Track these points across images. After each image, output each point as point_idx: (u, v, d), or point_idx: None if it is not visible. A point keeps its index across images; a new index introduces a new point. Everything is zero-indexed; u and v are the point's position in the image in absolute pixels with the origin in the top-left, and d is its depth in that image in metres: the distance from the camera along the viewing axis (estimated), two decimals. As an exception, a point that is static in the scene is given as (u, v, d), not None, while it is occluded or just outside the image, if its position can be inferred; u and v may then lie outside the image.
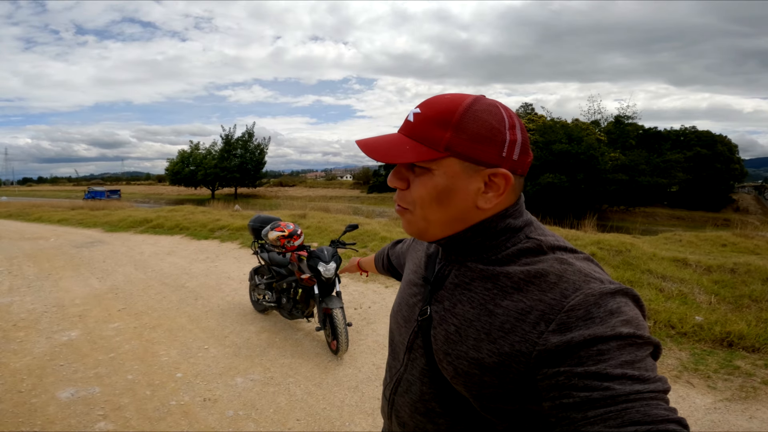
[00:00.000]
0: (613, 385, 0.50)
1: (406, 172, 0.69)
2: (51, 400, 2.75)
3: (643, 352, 0.54)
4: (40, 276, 6.05)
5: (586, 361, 0.53)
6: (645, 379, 0.51)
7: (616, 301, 0.57)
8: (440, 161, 0.64)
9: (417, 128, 0.66)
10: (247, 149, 44.68)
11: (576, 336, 0.54)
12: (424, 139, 0.64)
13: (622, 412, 0.49)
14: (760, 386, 2.79)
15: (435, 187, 0.65)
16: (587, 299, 0.57)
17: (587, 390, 0.51)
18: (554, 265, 0.62)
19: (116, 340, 3.71)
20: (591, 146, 28.71)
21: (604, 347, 0.53)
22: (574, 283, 0.59)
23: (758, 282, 4.45)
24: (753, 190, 44.08)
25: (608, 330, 0.54)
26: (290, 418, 2.60)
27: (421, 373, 0.74)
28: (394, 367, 0.82)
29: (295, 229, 3.67)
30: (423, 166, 0.65)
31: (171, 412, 2.64)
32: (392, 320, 0.86)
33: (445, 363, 0.68)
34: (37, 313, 4.41)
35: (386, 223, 10.24)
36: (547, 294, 0.59)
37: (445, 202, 0.65)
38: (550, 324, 0.57)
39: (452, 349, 0.67)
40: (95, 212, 14.86)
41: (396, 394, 0.80)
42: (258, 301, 4.30)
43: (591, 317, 0.55)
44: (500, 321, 0.62)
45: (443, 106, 0.65)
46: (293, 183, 69.03)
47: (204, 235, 9.41)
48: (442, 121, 0.64)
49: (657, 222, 29.80)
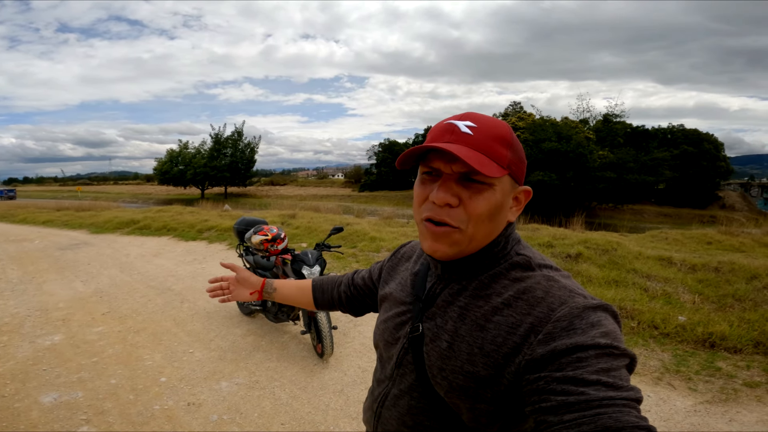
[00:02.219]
0: (588, 391, 0.53)
1: (458, 188, 0.65)
2: (34, 405, 2.72)
3: (618, 362, 0.57)
4: (24, 279, 5.95)
5: (566, 367, 0.56)
6: (618, 387, 0.54)
7: (597, 315, 0.61)
8: (501, 178, 0.66)
9: (482, 143, 0.65)
10: (237, 148, 44.34)
11: (559, 345, 0.58)
12: (491, 154, 0.65)
13: (594, 417, 0.51)
14: (741, 388, 2.81)
15: (495, 203, 0.66)
16: (572, 311, 0.61)
17: (564, 394, 0.54)
18: (541, 281, 0.67)
19: (100, 345, 3.66)
20: (580, 144, 28.95)
21: (582, 355, 0.56)
22: (560, 298, 0.63)
23: (742, 281, 4.51)
24: (738, 187, 44.77)
25: (588, 339, 0.57)
26: (275, 422, 2.58)
27: (410, 387, 0.76)
28: (382, 381, 0.84)
29: (278, 233, 3.64)
30: (486, 181, 0.65)
31: (154, 416, 2.62)
32: (378, 337, 0.87)
33: (440, 378, 0.70)
34: (20, 317, 4.35)
35: (376, 222, 10.24)
36: (535, 308, 0.64)
37: (496, 218, 0.68)
38: (538, 335, 0.61)
39: (446, 364, 0.69)
40: (81, 213, 14.65)
41: (383, 408, 0.81)
42: (244, 303, 4.27)
43: (573, 328, 0.59)
44: (492, 335, 0.65)
45: (495, 125, 0.67)
46: (284, 182, 68.69)
47: (192, 236, 9.32)
48: (502, 140, 0.66)
49: (644, 219, 30.16)
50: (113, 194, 49.12)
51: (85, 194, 40.51)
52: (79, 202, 20.70)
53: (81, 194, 37.51)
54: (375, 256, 6.75)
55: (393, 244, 7.19)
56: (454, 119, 0.68)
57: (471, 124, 0.66)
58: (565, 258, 5.57)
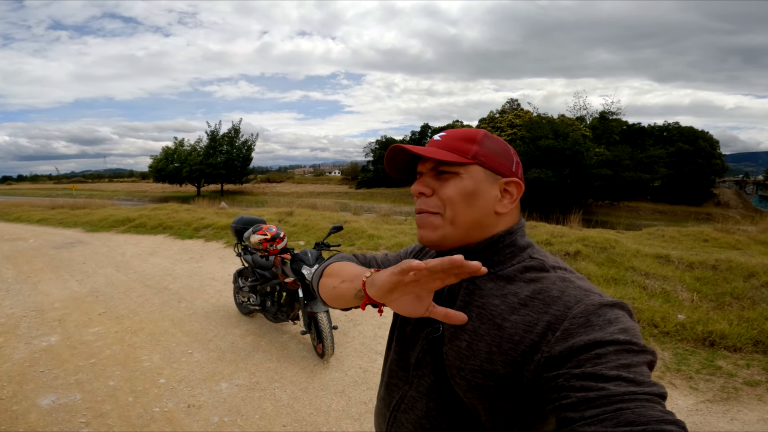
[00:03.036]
0: (608, 386, 0.53)
1: (431, 181, 0.76)
2: (32, 408, 2.70)
3: (639, 358, 0.57)
4: (19, 279, 5.90)
5: (585, 363, 0.56)
6: (639, 383, 0.53)
7: (615, 313, 0.62)
8: (468, 167, 0.74)
9: (446, 143, 0.75)
10: (233, 145, 44.13)
11: (577, 341, 0.59)
12: (454, 149, 0.74)
13: (617, 412, 0.50)
14: (742, 387, 2.83)
15: (464, 188, 0.73)
16: (588, 309, 0.62)
17: (584, 390, 0.54)
18: (557, 282, 0.69)
19: (97, 345, 3.63)
20: (576, 142, 29.01)
21: (601, 351, 0.57)
22: (576, 297, 0.65)
23: (739, 279, 4.52)
24: (734, 184, 45.02)
25: (607, 335, 0.58)
26: (276, 423, 2.57)
27: (428, 389, 0.76)
28: (396, 385, 0.84)
29: (277, 232, 3.62)
30: (452, 171, 0.74)
31: (154, 419, 2.60)
32: (395, 339, 0.88)
33: (458, 378, 0.71)
34: (16, 318, 4.31)
35: (374, 219, 10.22)
36: (551, 307, 0.65)
37: (472, 203, 0.73)
38: (555, 332, 0.62)
39: (465, 364, 0.70)
40: (75, 211, 14.55)
41: (399, 411, 0.81)
42: (242, 303, 4.24)
43: (591, 324, 0.60)
44: (509, 333, 0.67)
45: (465, 130, 0.78)
46: (281, 179, 68.46)
47: (188, 235, 9.27)
48: (468, 139, 0.75)
49: (640, 216, 30.29)
50: (108, 192, 48.87)
51: (79, 192, 40.22)
52: (74, 200, 20.54)
53: (75, 192, 37.20)
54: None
55: (391, 242, 7.17)
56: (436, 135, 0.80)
57: (443, 134, 0.78)
58: (564, 256, 5.57)
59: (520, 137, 30.98)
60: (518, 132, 32.24)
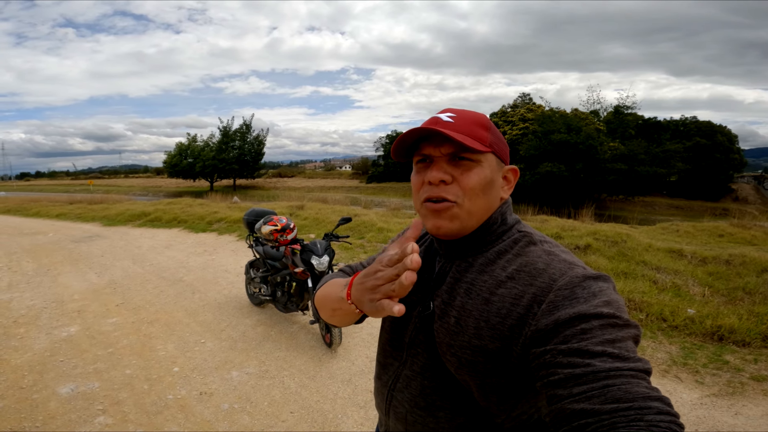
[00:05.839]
0: (594, 362, 0.54)
1: (449, 167, 0.72)
2: (52, 396, 2.79)
3: (623, 333, 0.57)
4: (39, 272, 6.08)
5: (571, 339, 0.57)
6: (625, 358, 0.54)
7: (599, 285, 0.63)
8: (486, 155, 0.73)
9: (463, 127, 0.72)
10: (245, 141, 44.47)
11: (562, 314, 0.59)
12: (473, 135, 0.72)
13: (603, 389, 0.51)
14: (748, 382, 2.81)
15: (485, 177, 0.72)
16: (572, 281, 0.63)
17: (570, 367, 0.55)
18: (542, 255, 0.70)
19: (114, 335, 3.75)
20: (590, 136, 28.57)
21: (586, 326, 0.57)
22: (560, 269, 0.66)
23: (753, 274, 4.46)
24: (752, 180, 43.96)
25: (591, 308, 0.59)
26: (284, 410, 2.64)
27: (422, 368, 0.77)
28: (391, 364, 0.85)
29: (287, 223, 3.68)
30: (473, 158, 0.72)
31: (168, 406, 2.68)
32: (388, 318, 0.88)
33: (449, 355, 0.71)
34: (36, 309, 4.45)
35: (384, 213, 10.25)
36: (536, 279, 0.66)
37: (489, 193, 0.73)
38: (541, 305, 0.63)
39: (454, 340, 0.70)
40: (93, 206, 14.87)
41: (395, 390, 0.82)
42: (254, 294, 4.33)
43: (575, 297, 0.61)
44: (497, 307, 0.67)
45: (473, 113, 0.75)
46: (292, 174, 68.81)
47: (202, 228, 9.43)
48: (482, 125, 0.74)
49: (655, 211, 29.81)
50: (124, 187, 49.67)
51: (96, 188, 40.96)
52: (91, 195, 20.97)
53: (93, 188, 37.92)
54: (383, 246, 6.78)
55: (401, 236, 7.20)
56: (436, 114, 0.76)
57: (451, 115, 0.74)
58: (574, 249, 5.55)
59: (532, 131, 30.64)
60: (530, 126, 31.87)
